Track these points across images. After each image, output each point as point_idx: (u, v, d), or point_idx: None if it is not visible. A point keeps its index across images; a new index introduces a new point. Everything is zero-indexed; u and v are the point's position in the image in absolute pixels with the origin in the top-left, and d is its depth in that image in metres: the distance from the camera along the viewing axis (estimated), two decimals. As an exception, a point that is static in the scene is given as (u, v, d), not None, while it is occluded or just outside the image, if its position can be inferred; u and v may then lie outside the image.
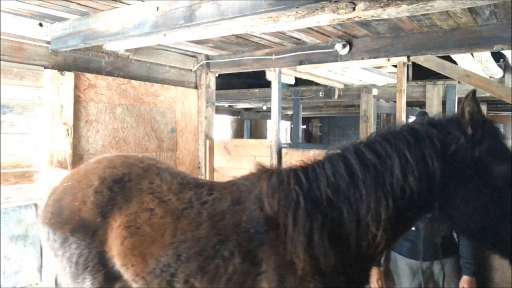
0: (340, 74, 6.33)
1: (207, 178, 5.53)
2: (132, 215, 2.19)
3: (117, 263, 2.18)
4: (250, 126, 15.48)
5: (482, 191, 1.74)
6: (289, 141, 15.48)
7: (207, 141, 5.55)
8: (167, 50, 5.17)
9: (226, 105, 11.44)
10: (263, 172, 2.06)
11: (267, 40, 4.64)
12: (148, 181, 2.31)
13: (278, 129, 5.07)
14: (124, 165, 2.42)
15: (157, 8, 3.15)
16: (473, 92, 1.76)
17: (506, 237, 1.74)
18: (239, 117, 14.10)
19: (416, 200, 1.78)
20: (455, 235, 2.88)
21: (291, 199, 1.85)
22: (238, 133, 15.17)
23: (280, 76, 5.09)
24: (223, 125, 14.46)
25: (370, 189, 1.77)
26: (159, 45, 4.58)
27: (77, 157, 4.14)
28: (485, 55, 4.84)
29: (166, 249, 2.04)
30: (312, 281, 1.78)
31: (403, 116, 4.21)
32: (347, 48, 4.43)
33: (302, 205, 1.82)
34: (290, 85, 7.71)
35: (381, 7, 2.68)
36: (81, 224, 2.23)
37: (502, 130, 1.85)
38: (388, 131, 1.92)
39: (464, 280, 2.77)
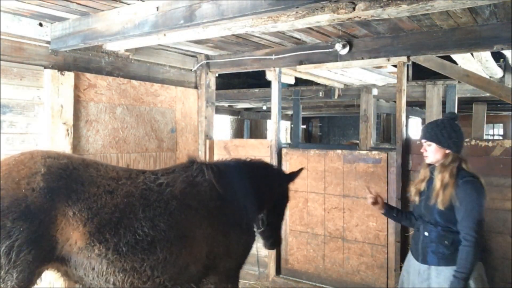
0: (340, 74, 6.32)
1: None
2: None
3: None
4: (250, 126, 15.46)
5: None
6: (289, 141, 15.48)
7: (207, 141, 5.55)
8: (167, 50, 5.17)
9: (226, 105, 11.43)
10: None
11: (267, 40, 4.64)
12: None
13: (278, 129, 5.07)
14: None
15: (157, 8, 3.15)
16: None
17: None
18: (239, 117, 14.08)
19: None
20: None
21: None
22: (238, 133, 15.17)
23: (280, 76, 5.09)
24: (223, 125, 14.46)
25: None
26: (159, 45, 4.58)
27: (77, 157, 4.14)
28: (485, 55, 4.83)
29: None
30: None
31: (403, 116, 4.21)
32: (347, 48, 4.43)
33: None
34: (290, 85, 7.70)
35: (381, 7, 2.68)
36: None
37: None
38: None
39: None
